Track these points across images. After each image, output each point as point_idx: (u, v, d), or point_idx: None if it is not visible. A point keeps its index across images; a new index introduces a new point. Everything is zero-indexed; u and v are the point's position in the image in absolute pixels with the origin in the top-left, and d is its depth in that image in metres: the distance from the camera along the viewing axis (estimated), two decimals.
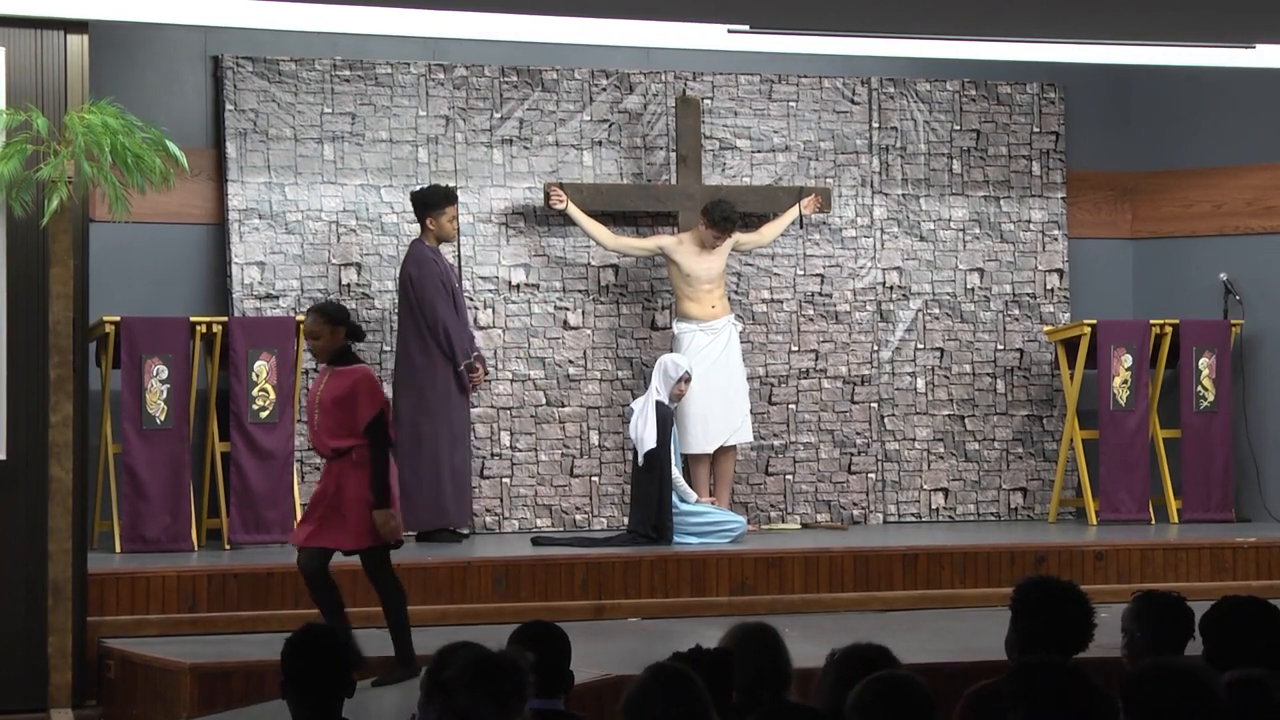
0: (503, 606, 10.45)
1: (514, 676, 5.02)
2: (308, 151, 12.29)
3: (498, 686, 4.96)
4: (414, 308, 11.68)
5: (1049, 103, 13.67)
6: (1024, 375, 13.52)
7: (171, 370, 11.26)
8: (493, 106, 12.64)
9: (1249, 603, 5.95)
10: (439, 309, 11.69)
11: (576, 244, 12.67)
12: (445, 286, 11.75)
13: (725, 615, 9.98)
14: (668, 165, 12.84)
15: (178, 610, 10.19)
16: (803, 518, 13.03)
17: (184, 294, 12.03)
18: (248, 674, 9.07)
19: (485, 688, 4.96)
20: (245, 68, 12.18)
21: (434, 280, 11.70)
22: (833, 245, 13.23)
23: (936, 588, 11.32)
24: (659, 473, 11.62)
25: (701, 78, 13.01)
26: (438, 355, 11.70)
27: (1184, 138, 13.74)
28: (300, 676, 5.38)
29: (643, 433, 11.69)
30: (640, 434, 11.70)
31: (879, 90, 13.34)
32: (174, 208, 11.73)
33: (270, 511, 11.43)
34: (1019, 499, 13.48)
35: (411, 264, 11.75)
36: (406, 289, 11.73)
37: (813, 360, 13.14)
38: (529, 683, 5.06)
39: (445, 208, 11.81)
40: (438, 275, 11.73)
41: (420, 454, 11.64)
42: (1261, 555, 11.80)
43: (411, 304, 11.70)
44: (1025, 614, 5.95)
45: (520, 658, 5.12)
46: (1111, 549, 11.67)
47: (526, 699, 5.07)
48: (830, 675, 5.58)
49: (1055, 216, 13.66)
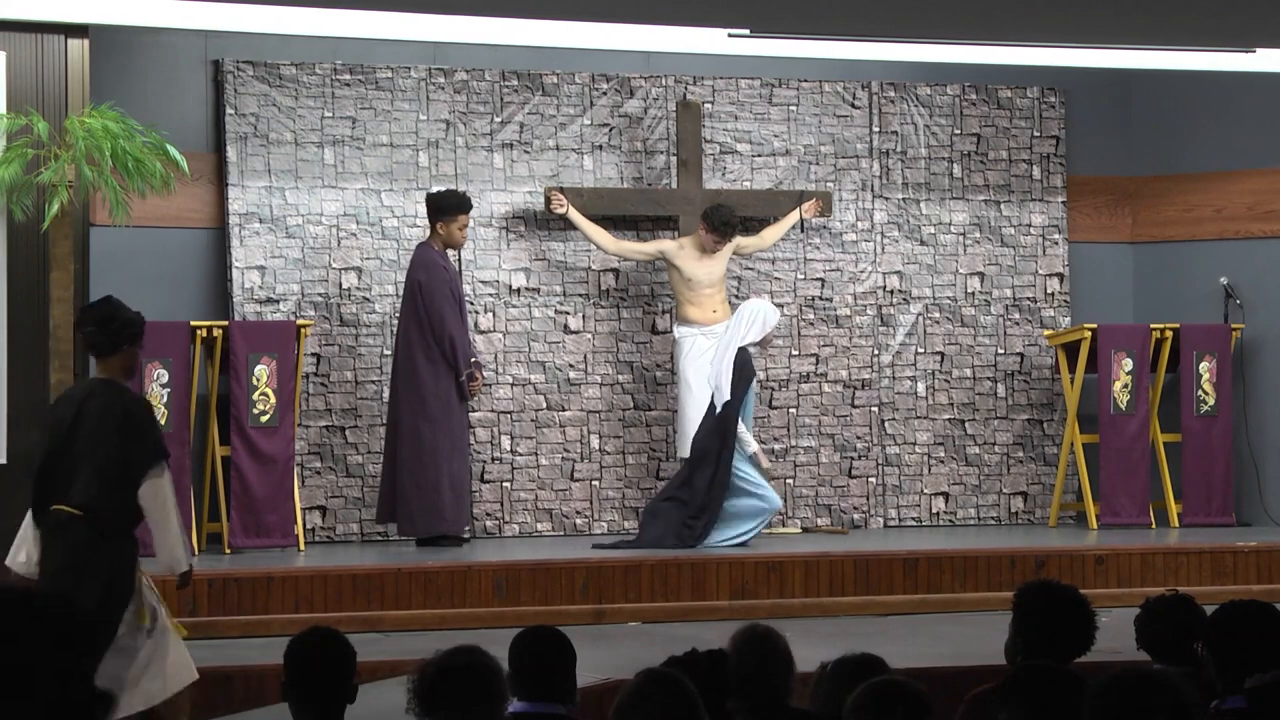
0: (503, 611, 10.45)
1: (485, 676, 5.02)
2: (308, 156, 12.30)
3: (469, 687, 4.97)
4: (421, 314, 11.64)
5: (1049, 107, 13.68)
6: (1024, 379, 13.52)
7: (172, 374, 11.26)
8: (493, 111, 12.65)
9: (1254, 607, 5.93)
10: (447, 319, 11.67)
11: (577, 248, 12.67)
12: (453, 295, 11.75)
13: (726, 619, 9.97)
14: (668, 169, 12.84)
15: (178, 614, 10.15)
16: (803, 522, 13.03)
17: (184, 298, 12.03)
18: (248, 678, 9.06)
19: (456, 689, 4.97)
20: (246, 72, 12.18)
21: (443, 288, 11.68)
22: (833, 249, 13.23)
23: (937, 592, 11.32)
24: (722, 436, 11.59)
25: (702, 82, 13.02)
26: (441, 362, 11.68)
27: (1184, 142, 13.75)
28: (302, 681, 5.38)
29: (721, 380, 11.70)
30: (718, 381, 11.70)
31: (879, 94, 13.34)
32: (174, 212, 11.73)
33: (271, 516, 11.43)
34: (1019, 503, 13.49)
35: (420, 270, 11.70)
36: (414, 294, 11.67)
37: (813, 364, 13.14)
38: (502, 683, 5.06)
39: (458, 215, 11.78)
40: (446, 283, 11.71)
41: (421, 460, 11.63)
42: (1262, 559, 11.80)
43: (419, 310, 11.65)
44: (1026, 618, 5.95)
45: (492, 658, 5.12)
46: (1112, 553, 11.66)
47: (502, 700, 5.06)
48: (824, 685, 5.59)
49: (1056, 221, 13.67)
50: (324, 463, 12.20)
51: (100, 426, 7.84)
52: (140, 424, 7.95)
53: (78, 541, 7.80)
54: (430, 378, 11.67)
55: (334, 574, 10.57)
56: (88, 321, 8.12)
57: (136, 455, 7.87)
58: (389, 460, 11.73)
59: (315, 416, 12.17)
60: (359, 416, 12.26)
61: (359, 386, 12.28)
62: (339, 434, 12.24)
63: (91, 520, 7.80)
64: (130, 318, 8.10)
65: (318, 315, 12.16)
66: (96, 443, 7.84)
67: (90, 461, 7.81)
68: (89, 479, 7.81)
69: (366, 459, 12.26)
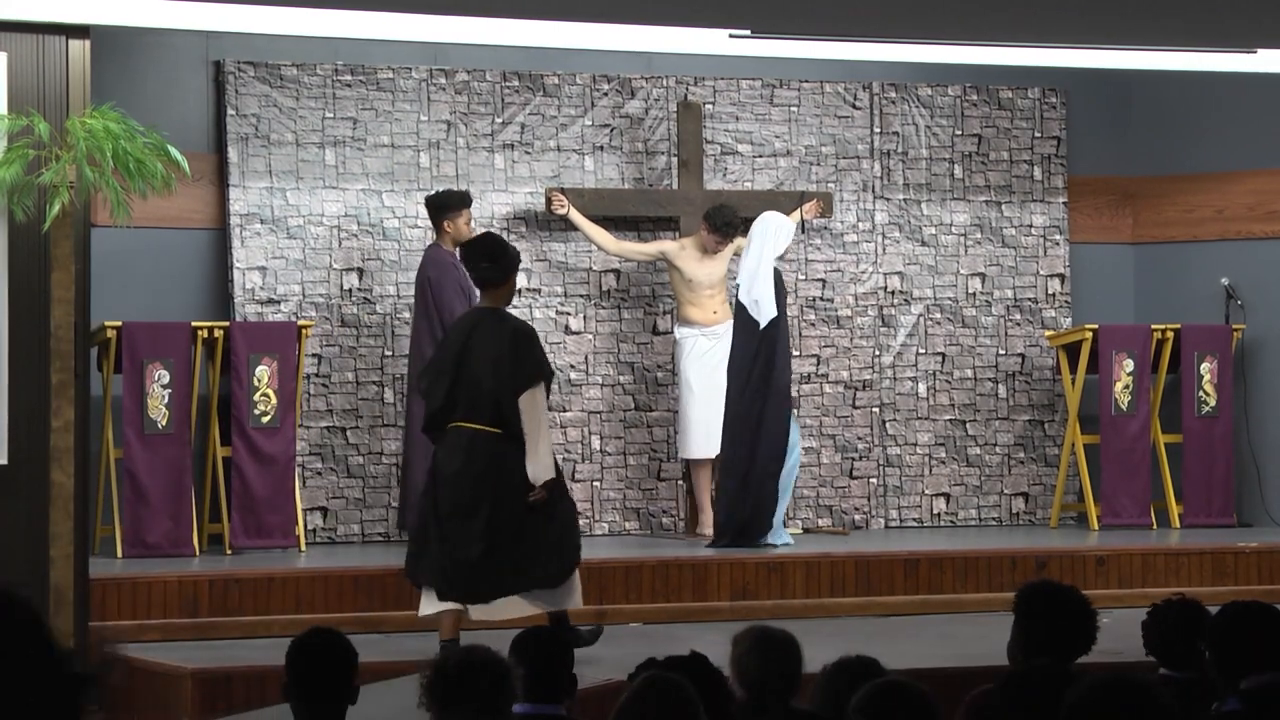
0: None
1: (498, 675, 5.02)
2: (309, 156, 12.30)
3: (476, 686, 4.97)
4: (430, 311, 11.65)
5: (1050, 107, 13.67)
6: (1025, 380, 13.52)
7: (173, 375, 11.26)
8: (494, 111, 12.65)
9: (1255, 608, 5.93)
10: (457, 313, 11.67)
11: (578, 249, 12.67)
12: (463, 291, 11.75)
13: (727, 620, 9.97)
14: (669, 170, 12.84)
15: (179, 615, 10.19)
16: (804, 523, 13.02)
17: (185, 299, 12.04)
18: (249, 679, 9.06)
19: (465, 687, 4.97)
20: (247, 73, 12.18)
21: (453, 285, 11.69)
22: (834, 250, 13.23)
23: (938, 593, 11.32)
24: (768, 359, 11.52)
25: (703, 82, 13.02)
26: None
27: (1185, 142, 13.75)
28: (304, 681, 5.37)
29: (763, 294, 11.58)
30: (759, 295, 11.57)
31: (880, 95, 13.34)
32: (175, 213, 11.73)
33: (271, 516, 11.43)
34: (1020, 504, 13.48)
35: (431, 268, 11.71)
36: (425, 292, 11.66)
37: (814, 365, 13.13)
38: (510, 682, 5.06)
39: (461, 210, 11.80)
40: (457, 280, 11.71)
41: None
42: (1263, 560, 11.81)
43: (429, 307, 11.66)
44: (1028, 619, 5.95)
45: (501, 657, 5.13)
46: (1113, 554, 11.67)
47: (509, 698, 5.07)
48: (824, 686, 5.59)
49: (1056, 221, 13.67)
50: (325, 464, 12.20)
51: (495, 350, 9.02)
52: (526, 344, 9.15)
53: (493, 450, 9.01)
54: None
55: (335, 575, 10.57)
56: (480, 256, 9.27)
57: (523, 371, 9.03)
58: (407, 464, 11.71)
59: (316, 417, 12.17)
60: (360, 417, 12.27)
61: (360, 387, 12.28)
62: (340, 435, 12.24)
63: (504, 434, 9.01)
64: (514, 250, 9.42)
65: (319, 316, 12.16)
66: (494, 366, 9.03)
67: (492, 383, 9.00)
68: (492, 399, 9.01)
69: (367, 460, 12.26)
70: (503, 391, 9.00)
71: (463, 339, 9.16)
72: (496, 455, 9.03)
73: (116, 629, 10.02)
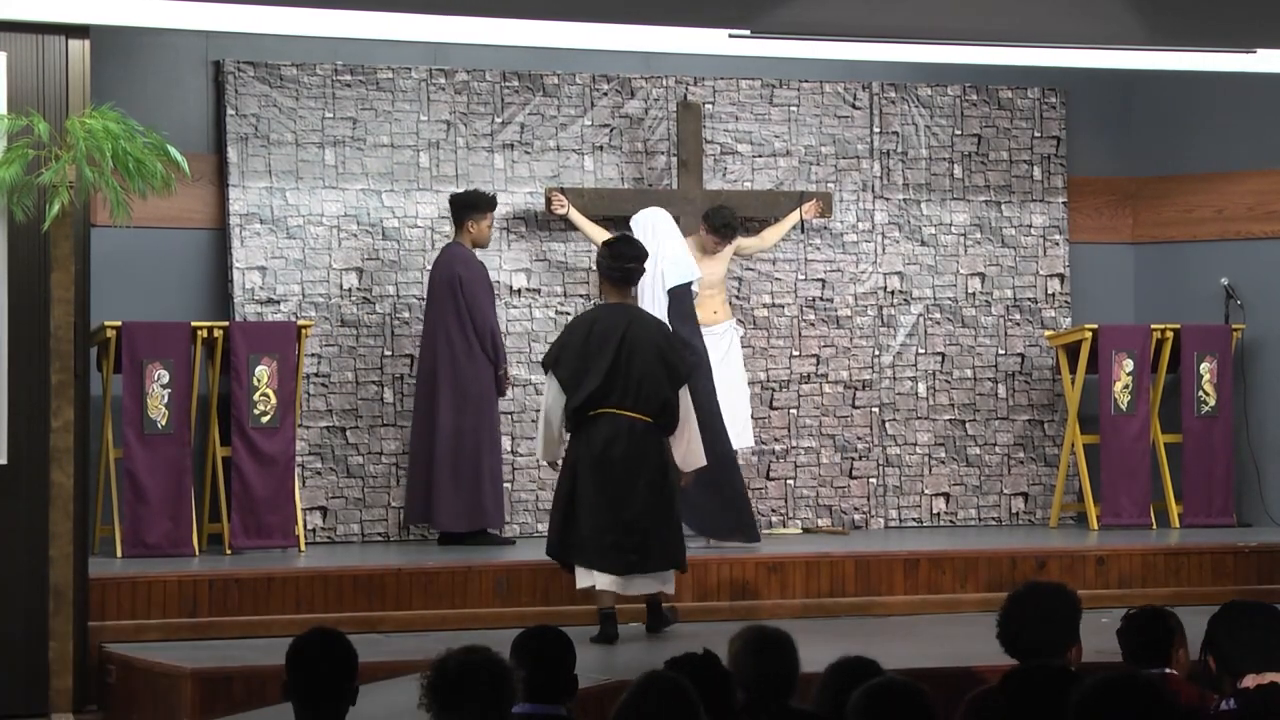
0: (504, 611, 10.44)
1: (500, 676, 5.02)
2: (309, 156, 12.30)
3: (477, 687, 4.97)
4: (461, 309, 11.68)
5: (1050, 107, 13.67)
6: (1025, 380, 13.52)
7: (173, 375, 11.26)
8: (494, 111, 12.65)
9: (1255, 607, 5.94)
10: (489, 313, 11.78)
11: (578, 249, 12.67)
12: (489, 289, 11.87)
13: (727, 620, 9.97)
14: (669, 170, 12.84)
15: (179, 615, 10.19)
16: (804, 522, 13.03)
17: (185, 299, 12.03)
18: (249, 679, 9.07)
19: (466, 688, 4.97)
20: (246, 73, 12.18)
21: (484, 283, 11.81)
22: (834, 250, 13.23)
23: (938, 593, 11.32)
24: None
25: (702, 82, 13.02)
26: (480, 357, 11.72)
27: (1185, 142, 13.74)
28: (304, 682, 5.37)
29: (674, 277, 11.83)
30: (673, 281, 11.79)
31: (880, 95, 13.34)
32: (175, 213, 11.73)
33: (271, 516, 11.43)
34: (1020, 504, 13.48)
35: (460, 265, 11.74)
36: (455, 290, 11.70)
37: (814, 365, 13.14)
38: (511, 683, 5.06)
39: (487, 212, 11.90)
40: (484, 278, 11.82)
41: (461, 456, 11.66)
42: (1263, 560, 11.81)
43: (460, 305, 11.68)
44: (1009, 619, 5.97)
45: (502, 657, 5.13)
46: (1113, 554, 11.67)
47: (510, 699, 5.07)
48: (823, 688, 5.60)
49: (1056, 221, 13.67)
50: (325, 463, 12.20)
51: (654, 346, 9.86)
52: (678, 343, 10.33)
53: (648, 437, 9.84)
54: (470, 371, 11.71)
55: (335, 575, 10.57)
56: (629, 259, 10.04)
57: (682, 369, 10.01)
58: (421, 460, 11.73)
59: (316, 417, 12.17)
60: (360, 417, 12.26)
61: (360, 387, 12.28)
62: (340, 435, 12.24)
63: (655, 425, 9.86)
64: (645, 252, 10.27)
65: (318, 316, 12.16)
66: (655, 361, 9.85)
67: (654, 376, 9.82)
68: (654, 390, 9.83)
69: (367, 459, 12.26)
70: (662, 385, 9.84)
71: (620, 332, 9.84)
72: (651, 443, 9.85)
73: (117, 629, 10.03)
